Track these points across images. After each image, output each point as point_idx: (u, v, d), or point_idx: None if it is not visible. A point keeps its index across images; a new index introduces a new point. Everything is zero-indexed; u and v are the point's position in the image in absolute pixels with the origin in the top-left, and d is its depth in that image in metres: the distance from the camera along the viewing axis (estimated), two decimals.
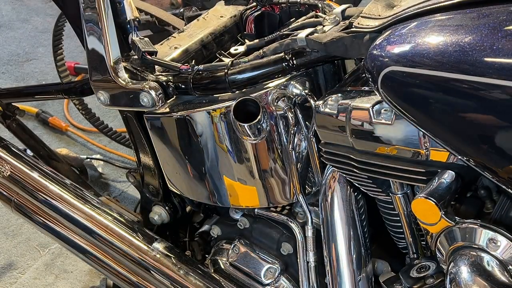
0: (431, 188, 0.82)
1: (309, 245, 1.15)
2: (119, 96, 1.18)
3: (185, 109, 1.13)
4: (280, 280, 1.24)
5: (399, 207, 1.01)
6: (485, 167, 0.75)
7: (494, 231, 0.79)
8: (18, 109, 1.82)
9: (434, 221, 0.83)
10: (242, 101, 1.03)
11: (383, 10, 0.89)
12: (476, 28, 0.70)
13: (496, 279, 0.78)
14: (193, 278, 1.27)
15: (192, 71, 1.12)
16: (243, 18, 1.30)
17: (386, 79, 0.78)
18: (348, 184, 1.05)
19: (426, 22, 0.77)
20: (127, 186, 2.14)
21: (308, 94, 1.03)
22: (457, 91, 0.71)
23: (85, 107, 1.95)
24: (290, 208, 1.23)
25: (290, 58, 1.03)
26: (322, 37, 0.96)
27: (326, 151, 1.00)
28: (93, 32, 1.15)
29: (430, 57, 0.72)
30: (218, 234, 1.36)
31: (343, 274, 1.07)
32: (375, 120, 0.88)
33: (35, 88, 1.84)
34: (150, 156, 1.34)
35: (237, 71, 1.07)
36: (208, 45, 1.28)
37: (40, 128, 2.47)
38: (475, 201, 0.88)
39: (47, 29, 3.08)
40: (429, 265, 0.98)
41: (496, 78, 0.66)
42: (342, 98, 0.94)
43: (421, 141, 0.85)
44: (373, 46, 0.81)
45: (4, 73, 2.84)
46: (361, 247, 1.08)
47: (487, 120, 0.70)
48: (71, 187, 1.50)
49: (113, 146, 2.29)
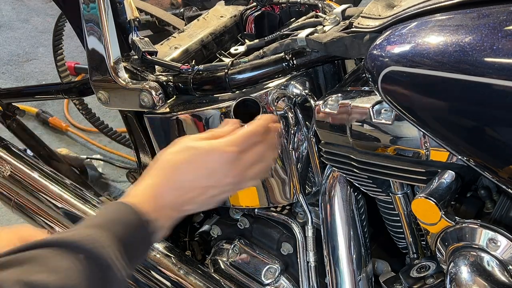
0: (431, 188, 0.82)
1: (309, 245, 1.15)
2: (119, 96, 1.18)
3: (185, 109, 1.12)
4: (280, 280, 1.24)
5: (399, 207, 1.01)
6: (485, 167, 0.75)
7: (494, 231, 0.79)
8: (18, 109, 1.82)
9: (434, 221, 0.83)
10: (242, 101, 1.03)
11: (383, 10, 0.89)
12: (476, 28, 0.70)
13: (496, 279, 0.78)
14: (193, 278, 1.27)
15: (192, 71, 1.12)
16: (243, 18, 1.30)
17: (386, 79, 0.78)
18: (348, 184, 1.05)
19: (426, 22, 0.77)
20: (127, 186, 2.14)
21: (308, 94, 1.03)
22: (457, 91, 0.71)
23: (85, 107, 1.95)
24: (290, 208, 1.23)
25: (290, 58, 1.03)
26: (322, 37, 0.96)
27: (326, 151, 1.00)
28: (93, 32, 1.15)
29: (430, 57, 0.72)
30: (218, 234, 1.36)
31: (343, 274, 1.07)
32: (375, 120, 0.88)
33: (35, 88, 1.85)
34: (150, 156, 1.34)
35: (237, 71, 1.07)
36: (208, 45, 1.28)
37: (40, 128, 2.47)
38: (475, 201, 0.88)
39: (47, 29, 3.08)
40: (429, 265, 0.98)
41: (496, 78, 0.66)
42: (342, 98, 0.94)
43: (421, 141, 0.85)
44: (373, 46, 0.81)
45: (4, 73, 2.84)
46: (361, 247, 1.08)
47: (487, 120, 0.70)
48: (71, 187, 1.50)
49: (113, 146, 2.29)
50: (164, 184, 0.85)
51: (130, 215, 0.79)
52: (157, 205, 0.82)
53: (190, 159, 0.86)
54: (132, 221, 0.78)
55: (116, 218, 0.78)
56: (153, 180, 0.85)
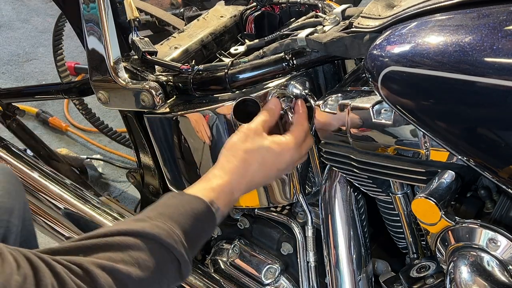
0: (431, 188, 0.82)
1: (309, 245, 1.15)
2: (119, 96, 1.18)
3: (185, 109, 1.12)
4: (280, 280, 1.24)
5: (399, 207, 1.01)
6: (485, 167, 0.75)
7: (494, 231, 0.79)
8: (18, 109, 1.82)
9: (434, 221, 0.83)
10: (242, 101, 1.03)
11: (383, 10, 0.89)
12: (476, 28, 0.70)
13: (496, 279, 0.78)
14: (193, 278, 1.27)
15: (192, 71, 1.12)
16: (243, 18, 1.30)
17: (386, 79, 0.78)
18: (348, 184, 1.05)
19: (426, 22, 0.77)
20: (127, 186, 2.14)
21: (308, 94, 1.03)
22: (457, 91, 0.71)
23: (85, 107, 1.95)
24: (290, 208, 1.23)
25: (290, 58, 1.03)
26: (322, 37, 0.96)
27: (326, 151, 1.00)
28: (93, 32, 1.15)
29: (430, 57, 0.72)
30: (218, 234, 1.36)
31: (343, 274, 1.07)
32: (375, 120, 0.88)
33: (35, 88, 1.85)
34: (150, 156, 1.34)
35: (237, 71, 1.07)
36: (208, 45, 1.28)
37: (40, 128, 2.46)
38: (475, 201, 0.88)
39: (47, 29, 3.07)
40: (429, 265, 0.98)
41: (496, 78, 0.66)
42: (342, 98, 0.94)
43: (421, 141, 0.85)
44: (373, 46, 0.81)
45: (4, 73, 2.84)
46: (361, 247, 1.08)
47: (487, 120, 0.70)
48: (71, 187, 1.50)
49: (113, 146, 2.29)
50: (238, 182, 0.93)
51: (205, 212, 0.85)
52: (229, 201, 0.91)
53: (262, 161, 0.95)
54: (205, 217, 0.85)
55: (192, 213, 0.83)
56: (230, 177, 0.92)
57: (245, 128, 0.97)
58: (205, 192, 0.88)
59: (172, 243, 0.78)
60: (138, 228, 0.77)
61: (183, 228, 0.80)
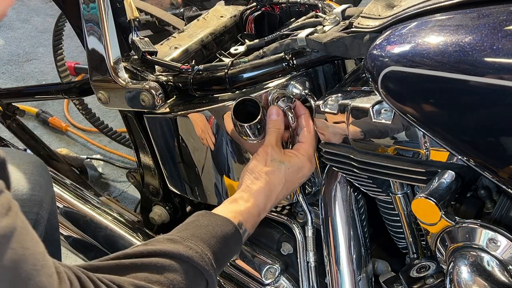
0: (431, 188, 0.82)
1: (309, 245, 1.15)
2: (119, 96, 1.18)
3: (185, 109, 1.12)
4: (280, 280, 1.24)
5: (399, 207, 1.01)
6: (485, 167, 0.75)
7: (494, 231, 0.79)
8: (18, 109, 1.82)
9: (434, 221, 0.83)
10: (242, 101, 1.03)
11: (383, 10, 0.89)
12: (476, 28, 0.70)
13: (496, 279, 0.78)
14: None
15: (192, 71, 1.12)
16: (243, 18, 1.30)
17: (386, 79, 0.78)
18: (348, 184, 1.05)
19: (426, 22, 0.77)
20: (127, 186, 2.14)
21: (308, 94, 1.03)
22: (457, 91, 0.71)
23: (85, 107, 1.95)
24: (290, 208, 1.23)
25: (290, 58, 1.03)
26: (322, 37, 0.96)
27: (326, 151, 1.00)
28: (93, 32, 1.15)
29: (430, 57, 0.72)
30: None
31: (343, 274, 1.07)
32: (375, 120, 0.88)
33: (35, 88, 1.84)
34: (150, 156, 1.34)
35: (237, 71, 1.07)
36: (208, 45, 1.28)
37: (40, 128, 2.46)
38: (475, 201, 0.88)
39: (47, 29, 3.07)
40: (429, 265, 0.98)
41: (496, 78, 0.66)
42: (342, 98, 0.94)
43: (421, 141, 0.85)
44: (373, 46, 0.81)
45: (4, 73, 2.84)
46: (361, 247, 1.08)
47: (487, 120, 0.70)
48: (71, 187, 1.50)
49: (113, 146, 2.29)
50: (264, 203, 0.97)
51: (234, 235, 0.89)
52: (255, 222, 0.96)
53: (284, 180, 0.99)
54: (233, 240, 0.89)
55: (222, 236, 0.87)
56: (256, 199, 0.96)
57: (262, 150, 1.00)
58: (234, 214, 0.92)
59: (204, 266, 0.81)
60: (173, 249, 0.80)
61: (213, 250, 0.84)
